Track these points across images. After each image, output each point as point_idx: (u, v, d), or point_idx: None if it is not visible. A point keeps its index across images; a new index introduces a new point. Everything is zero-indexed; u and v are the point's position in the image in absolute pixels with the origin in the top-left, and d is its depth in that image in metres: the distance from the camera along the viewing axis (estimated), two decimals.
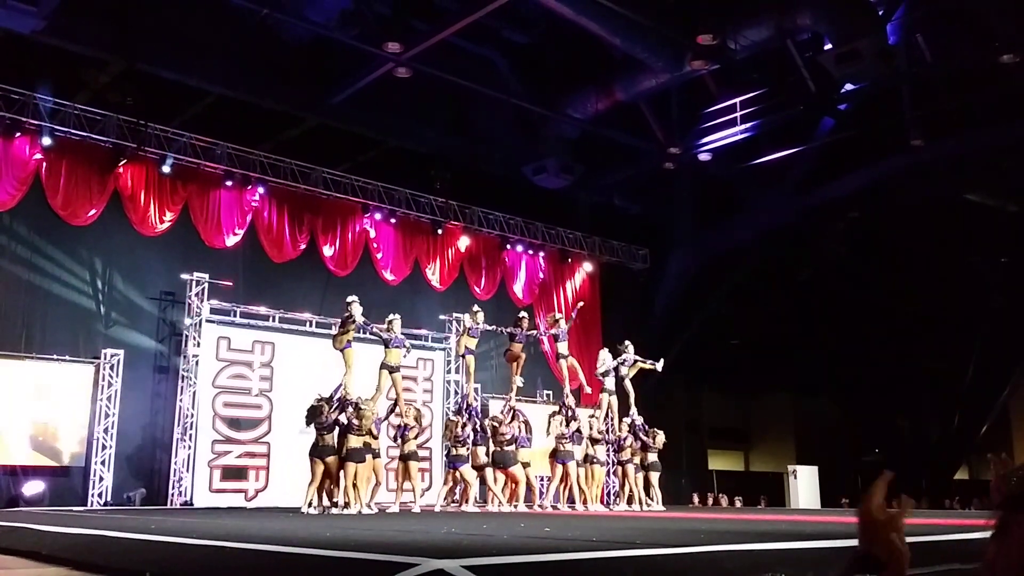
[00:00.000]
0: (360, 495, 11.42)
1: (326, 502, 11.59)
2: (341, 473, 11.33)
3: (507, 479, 12.94)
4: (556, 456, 13.30)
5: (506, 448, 12.71)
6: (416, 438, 12.68)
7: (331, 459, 11.27)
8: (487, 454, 12.79)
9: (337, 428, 11.40)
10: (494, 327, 14.03)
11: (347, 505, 11.26)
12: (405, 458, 12.31)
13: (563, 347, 14.19)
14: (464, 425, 12.50)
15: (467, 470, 12.49)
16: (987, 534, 1.13)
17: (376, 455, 12.08)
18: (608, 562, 4.24)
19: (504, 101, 17.00)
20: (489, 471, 12.79)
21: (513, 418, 12.88)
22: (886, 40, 14.19)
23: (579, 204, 20.58)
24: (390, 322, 12.60)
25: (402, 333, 16.65)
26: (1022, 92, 15.59)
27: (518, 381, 13.83)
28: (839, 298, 23.55)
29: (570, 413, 13.48)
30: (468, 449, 12.47)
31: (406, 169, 17.91)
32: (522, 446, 12.96)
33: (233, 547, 5.18)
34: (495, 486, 12.81)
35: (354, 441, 11.25)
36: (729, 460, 29.05)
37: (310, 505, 11.28)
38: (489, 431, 12.83)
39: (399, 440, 12.51)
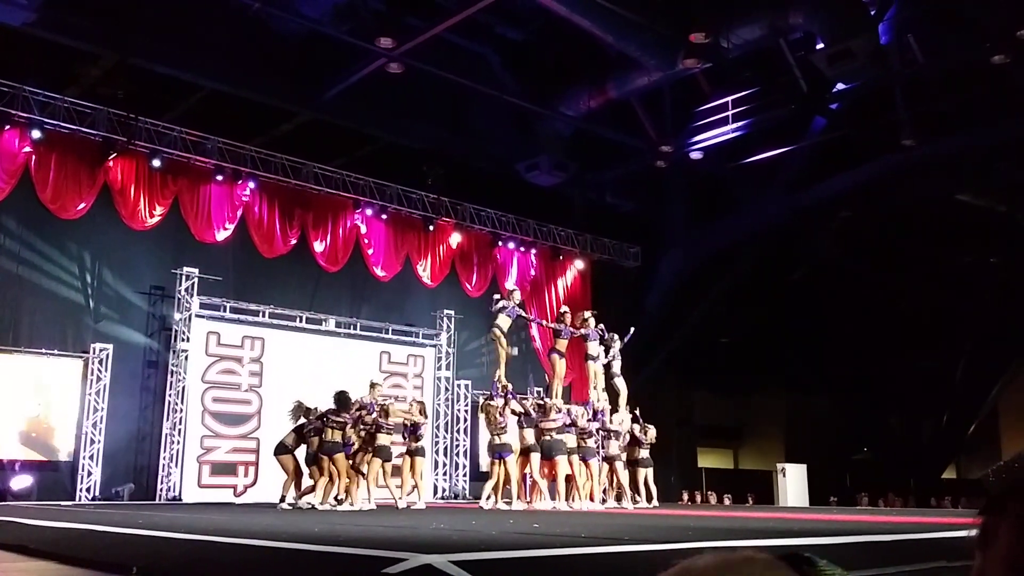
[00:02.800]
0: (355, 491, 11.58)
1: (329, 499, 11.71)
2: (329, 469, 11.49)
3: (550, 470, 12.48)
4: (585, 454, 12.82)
5: (555, 437, 12.26)
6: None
7: (340, 455, 11.40)
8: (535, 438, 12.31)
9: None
10: (536, 318, 13.95)
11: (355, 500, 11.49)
12: (413, 453, 12.32)
13: (593, 347, 14.03)
14: (502, 411, 12.13)
15: (511, 461, 12.04)
16: (971, 533, 1.09)
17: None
18: (595, 558, 4.24)
19: (497, 98, 16.99)
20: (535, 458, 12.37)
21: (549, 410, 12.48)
22: (878, 40, 14.22)
23: (571, 201, 20.57)
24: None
25: (393, 329, 16.75)
26: (1013, 92, 15.65)
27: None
28: (830, 297, 23.62)
29: (593, 411, 13.28)
30: (508, 436, 12.06)
31: (398, 165, 17.87)
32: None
33: (221, 542, 5.17)
34: (541, 479, 12.45)
35: (384, 439, 11.57)
36: (719, 458, 29.09)
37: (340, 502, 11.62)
38: (535, 416, 12.36)
39: (407, 436, 12.46)
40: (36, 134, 13.18)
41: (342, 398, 11.61)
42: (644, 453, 13.99)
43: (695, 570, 0.93)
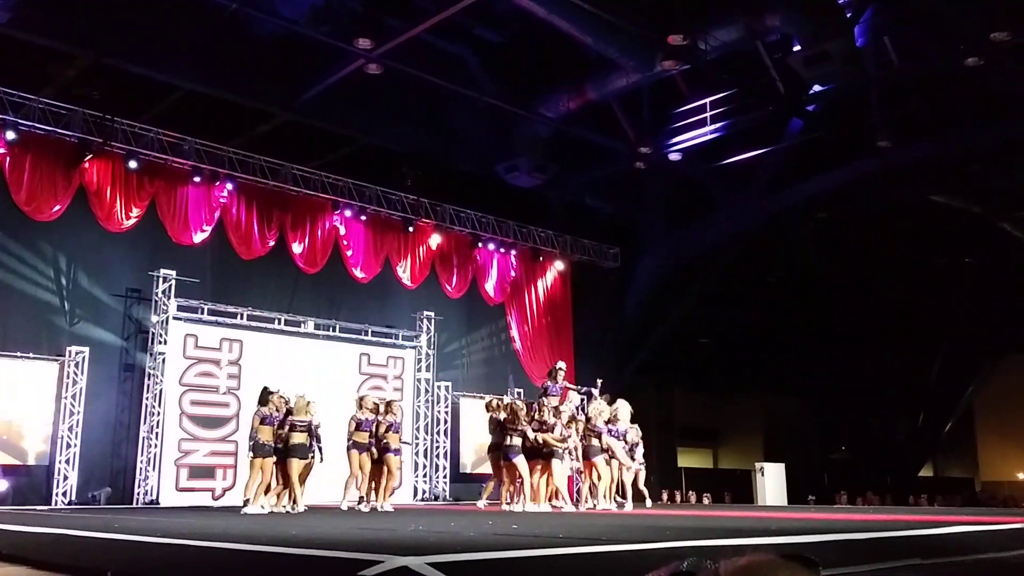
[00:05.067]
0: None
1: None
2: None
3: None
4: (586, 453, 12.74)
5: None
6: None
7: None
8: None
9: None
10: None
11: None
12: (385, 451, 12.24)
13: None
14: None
15: (520, 461, 11.90)
16: (955, 529, 1.09)
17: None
18: (573, 559, 4.25)
19: (476, 99, 16.98)
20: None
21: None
22: (854, 42, 14.34)
23: (551, 203, 20.61)
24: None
25: (372, 331, 16.69)
26: (986, 95, 15.83)
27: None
28: (807, 298, 23.80)
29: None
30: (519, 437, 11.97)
31: (377, 166, 17.83)
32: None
33: (196, 545, 5.14)
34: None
35: (298, 438, 11.10)
36: (698, 457, 29.25)
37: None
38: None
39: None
40: (10, 135, 13.04)
41: (260, 394, 11.37)
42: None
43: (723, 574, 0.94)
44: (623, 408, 13.39)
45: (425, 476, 16.95)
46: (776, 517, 10.00)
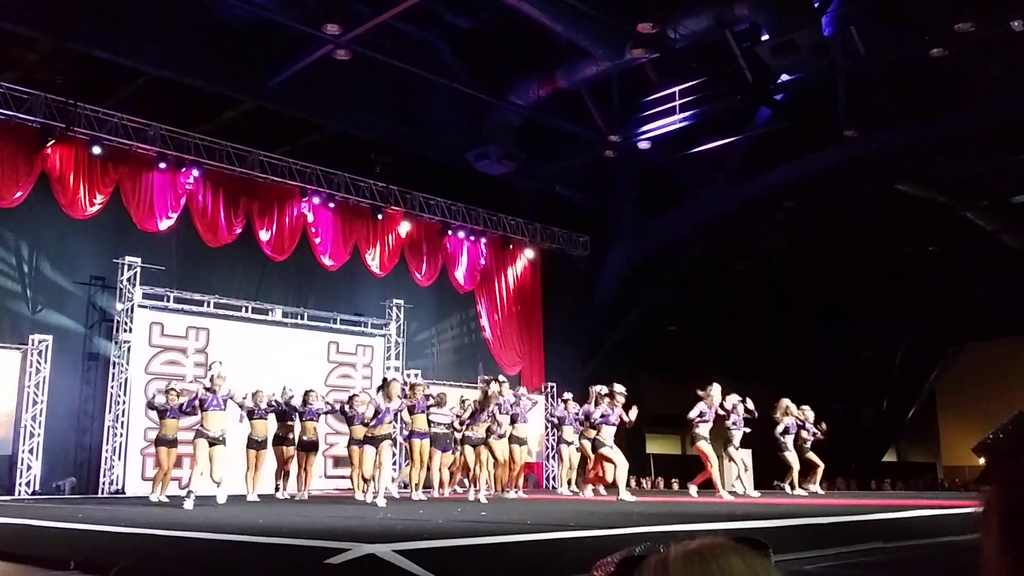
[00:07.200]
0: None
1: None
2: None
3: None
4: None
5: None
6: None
7: None
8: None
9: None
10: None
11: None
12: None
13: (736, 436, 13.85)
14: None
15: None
16: (917, 513, 1.10)
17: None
18: (540, 544, 4.27)
19: (446, 86, 16.89)
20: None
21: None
22: (821, 32, 14.44)
23: (521, 191, 20.58)
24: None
25: (341, 319, 16.61)
26: (951, 86, 16.02)
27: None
28: (775, 286, 24.02)
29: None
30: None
31: (346, 153, 17.70)
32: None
33: (162, 535, 5.10)
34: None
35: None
36: (667, 444, 29.44)
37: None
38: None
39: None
40: None
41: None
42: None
43: (670, 559, 0.95)
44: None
45: (395, 465, 16.90)
46: (743, 503, 10.11)
